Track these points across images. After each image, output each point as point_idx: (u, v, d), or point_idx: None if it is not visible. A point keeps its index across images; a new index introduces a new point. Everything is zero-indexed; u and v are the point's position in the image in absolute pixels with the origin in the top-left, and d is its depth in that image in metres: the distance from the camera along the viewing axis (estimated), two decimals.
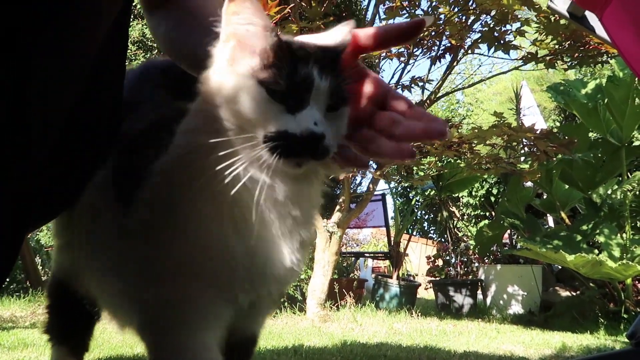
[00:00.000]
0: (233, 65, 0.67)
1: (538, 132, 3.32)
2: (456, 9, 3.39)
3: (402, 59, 3.96)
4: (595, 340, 3.11)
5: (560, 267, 4.93)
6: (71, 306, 1.00)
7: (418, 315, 4.04)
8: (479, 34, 3.61)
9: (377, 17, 3.94)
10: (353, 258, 6.74)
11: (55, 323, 1.03)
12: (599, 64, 3.62)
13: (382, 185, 10.91)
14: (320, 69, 0.65)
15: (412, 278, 5.97)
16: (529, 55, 3.61)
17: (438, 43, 3.88)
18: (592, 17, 1.74)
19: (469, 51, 3.92)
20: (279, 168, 0.66)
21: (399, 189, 8.19)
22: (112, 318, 0.92)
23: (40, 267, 4.77)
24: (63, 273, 0.99)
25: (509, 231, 5.63)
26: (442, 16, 3.50)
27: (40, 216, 0.82)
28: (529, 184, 4.98)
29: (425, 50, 3.93)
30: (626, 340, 3.06)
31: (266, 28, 0.66)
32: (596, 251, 4.10)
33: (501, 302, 4.93)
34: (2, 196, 0.59)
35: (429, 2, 3.50)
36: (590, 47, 3.38)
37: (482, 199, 6.93)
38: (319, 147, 0.64)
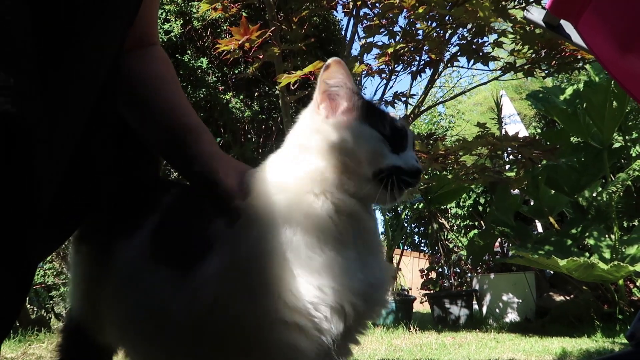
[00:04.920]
0: (329, 119, 0.82)
1: (522, 140, 3.36)
2: (434, 24, 3.45)
3: (383, 75, 4.01)
4: (593, 344, 3.12)
5: (552, 272, 4.96)
6: (84, 350, 0.98)
7: (416, 329, 4.02)
8: (457, 47, 3.67)
9: (357, 36, 3.99)
10: None
11: None
12: (576, 70, 3.70)
13: None
14: (404, 123, 0.85)
15: (406, 292, 5.95)
16: (508, 66, 3.68)
17: (418, 58, 3.94)
18: (567, 26, 1.79)
19: (449, 64, 3.98)
20: (380, 199, 0.79)
21: None
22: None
23: (29, 305, 4.66)
24: (82, 320, 0.97)
25: (499, 239, 5.66)
26: (420, 32, 3.56)
27: (46, 247, 0.82)
28: (516, 191, 5.03)
29: (405, 65, 3.98)
30: (624, 341, 3.08)
31: (354, 90, 0.83)
32: (587, 254, 4.14)
33: (497, 310, 4.93)
34: (11, 229, 0.59)
35: (406, 19, 3.56)
36: (567, 54, 3.45)
37: (470, 209, 6.97)
38: (418, 179, 0.81)
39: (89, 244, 0.94)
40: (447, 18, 3.31)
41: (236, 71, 4.90)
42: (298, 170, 0.79)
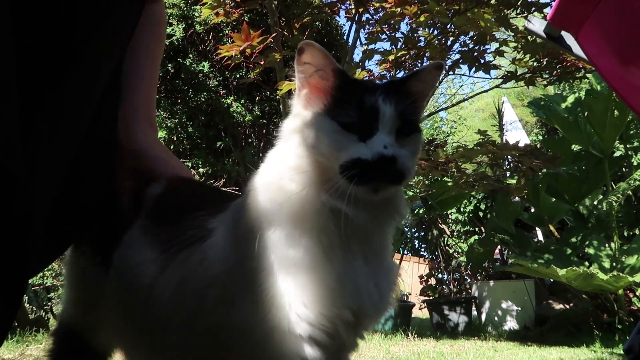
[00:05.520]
0: (307, 109, 0.74)
1: (522, 148, 3.36)
2: (435, 32, 3.46)
3: (384, 81, 4.00)
4: (592, 354, 3.10)
5: (552, 280, 4.95)
6: (78, 355, 0.96)
7: (414, 336, 4.01)
8: (459, 55, 3.67)
9: (359, 42, 3.99)
10: None
11: None
12: (577, 79, 3.70)
13: None
14: (385, 97, 0.70)
15: (405, 297, 5.94)
16: (509, 74, 3.68)
17: (419, 64, 3.94)
18: (568, 37, 1.79)
19: (450, 72, 3.98)
20: (358, 196, 0.69)
21: None
22: None
23: (28, 305, 4.66)
24: (76, 323, 0.95)
25: (499, 247, 5.65)
26: (422, 39, 3.56)
27: (41, 262, 0.82)
28: (517, 198, 5.03)
29: (407, 72, 3.99)
30: (622, 352, 3.06)
31: (334, 70, 0.72)
32: (587, 263, 4.13)
33: (496, 318, 4.92)
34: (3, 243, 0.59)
35: (408, 26, 3.56)
36: (568, 64, 3.45)
37: (471, 215, 6.97)
38: (391, 169, 0.67)
39: (87, 243, 0.92)
40: (448, 26, 3.31)
41: (238, 75, 4.91)
42: (280, 167, 0.74)
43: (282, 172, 0.73)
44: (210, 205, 0.81)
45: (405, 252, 7.64)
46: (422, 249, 9.46)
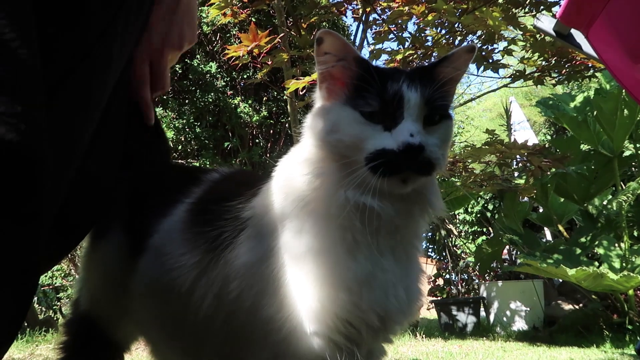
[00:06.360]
0: (329, 101, 0.71)
1: (531, 148, 3.34)
2: (443, 31, 3.44)
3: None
4: (602, 355, 3.08)
5: (561, 280, 4.92)
6: (94, 346, 0.94)
7: (422, 336, 4.00)
8: None
9: (366, 42, 3.99)
10: None
11: None
12: (586, 78, 3.67)
13: None
14: (410, 83, 0.67)
15: None
16: (517, 73, 3.66)
17: (427, 64, 3.92)
18: (578, 35, 1.78)
19: None
20: (385, 188, 0.66)
21: None
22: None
23: (37, 306, 4.70)
24: (97, 314, 0.93)
25: (507, 247, 5.63)
26: (429, 38, 3.55)
27: (49, 259, 0.83)
28: (525, 198, 5.00)
29: None
30: (633, 352, 3.04)
31: (355, 59, 0.70)
32: (596, 263, 4.10)
33: (504, 319, 4.89)
34: (16, 241, 0.59)
35: (415, 26, 3.55)
36: (577, 63, 3.43)
37: (479, 215, 6.94)
38: (418, 159, 0.64)
39: (115, 231, 0.91)
40: (456, 25, 3.30)
41: (245, 76, 4.92)
42: (293, 161, 0.73)
43: (295, 165, 0.72)
44: (246, 190, 0.79)
45: None
46: (430, 250, 9.44)
